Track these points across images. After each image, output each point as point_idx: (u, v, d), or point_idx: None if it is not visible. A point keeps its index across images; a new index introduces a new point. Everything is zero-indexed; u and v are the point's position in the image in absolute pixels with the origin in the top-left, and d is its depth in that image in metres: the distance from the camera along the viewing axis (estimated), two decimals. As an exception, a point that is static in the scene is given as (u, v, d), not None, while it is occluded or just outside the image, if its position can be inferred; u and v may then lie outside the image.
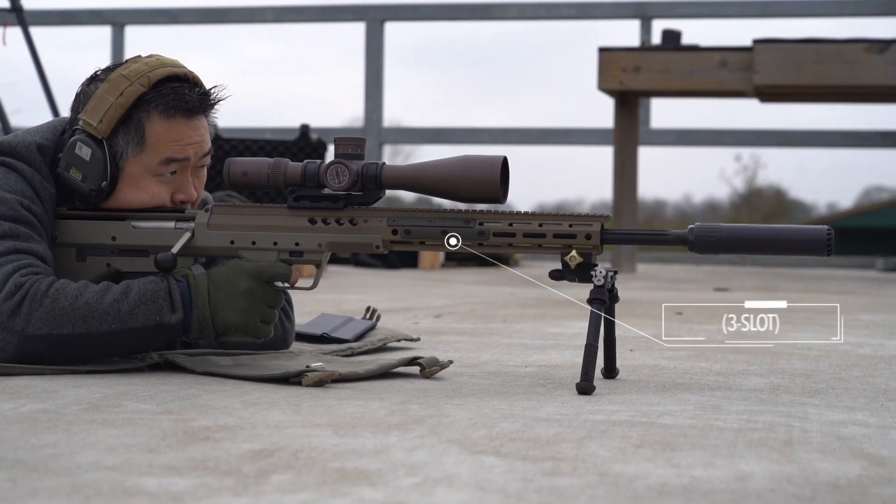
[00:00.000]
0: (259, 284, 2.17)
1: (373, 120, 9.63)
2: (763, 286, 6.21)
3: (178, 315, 2.13)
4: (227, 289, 2.15)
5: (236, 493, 1.27)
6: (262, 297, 2.17)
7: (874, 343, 3.11)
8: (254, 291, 2.16)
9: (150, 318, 2.11)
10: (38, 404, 1.80)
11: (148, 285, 2.13)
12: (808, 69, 6.90)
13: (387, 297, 4.83)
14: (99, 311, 2.09)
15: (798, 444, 1.61)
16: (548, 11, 9.55)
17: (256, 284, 2.16)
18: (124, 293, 2.12)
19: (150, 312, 2.11)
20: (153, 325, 2.12)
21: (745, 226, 2.13)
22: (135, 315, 2.11)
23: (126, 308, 2.10)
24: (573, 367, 2.44)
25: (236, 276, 2.16)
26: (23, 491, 1.26)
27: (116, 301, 2.10)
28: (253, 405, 1.85)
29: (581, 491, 1.32)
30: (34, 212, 2.20)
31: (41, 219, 2.21)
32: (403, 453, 1.50)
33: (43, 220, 2.22)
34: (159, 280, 2.14)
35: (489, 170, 2.11)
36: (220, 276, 2.16)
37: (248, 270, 2.17)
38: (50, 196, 2.25)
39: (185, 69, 2.30)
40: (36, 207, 2.21)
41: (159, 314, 2.11)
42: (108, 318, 2.10)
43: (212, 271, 2.18)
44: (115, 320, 2.10)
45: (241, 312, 2.15)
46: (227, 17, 10.32)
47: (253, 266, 2.17)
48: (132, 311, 2.10)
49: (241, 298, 2.15)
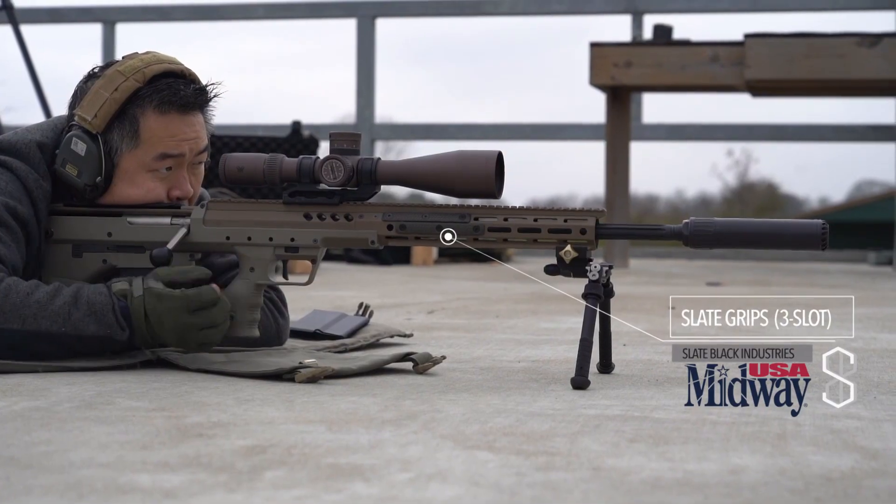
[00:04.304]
0: (187, 317, 2.12)
1: (364, 116, 9.63)
2: (756, 280, 6.21)
3: (127, 334, 2.12)
4: (156, 323, 2.11)
5: (230, 490, 1.27)
6: (193, 328, 2.12)
7: (867, 336, 3.12)
8: (183, 326, 2.12)
9: (101, 330, 2.10)
10: (31, 402, 1.80)
11: (97, 297, 2.11)
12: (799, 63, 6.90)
13: (379, 293, 4.83)
14: (49, 312, 2.09)
15: (791, 438, 1.61)
16: (539, 7, 9.55)
17: (184, 319, 2.11)
18: (74, 299, 2.10)
19: (101, 325, 2.10)
20: (103, 336, 2.11)
21: (739, 220, 2.13)
22: (86, 324, 2.10)
23: (77, 315, 2.09)
24: (566, 362, 2.44)
25: (165, 314, 2.10)
26: (16, 488, 1.26)
27: (67, 304, 2.10)
28: (246, 402, 1.85)
29: (575, 485, 1.32)
30: (18, 214, 2.19)
31: (26, 220, 2.21)
32: (397, 449, 1.50)
33: (29, 221, 2.21)
34: (106, 293, 2.12)
35: (485, 165, 2.11)
36: (151, 309, 2.11)
37: (174, 308, 2.11)
38: (45, 194, 2.25)
39: (181, 66, 2.30)
40: (23, 209, 2.20)
41: (110, 328, 2.11)
42: (59, 319, 2.09)
43: (146, 298, 2.11)
44: (67, 324, 2.09)
45: (178, 342, 2.14)
46: (219, 14, 10.30)
47: (178, 300, 2.10)
48: (83, 319, 2.09)
49: (173, 333, 2.12)
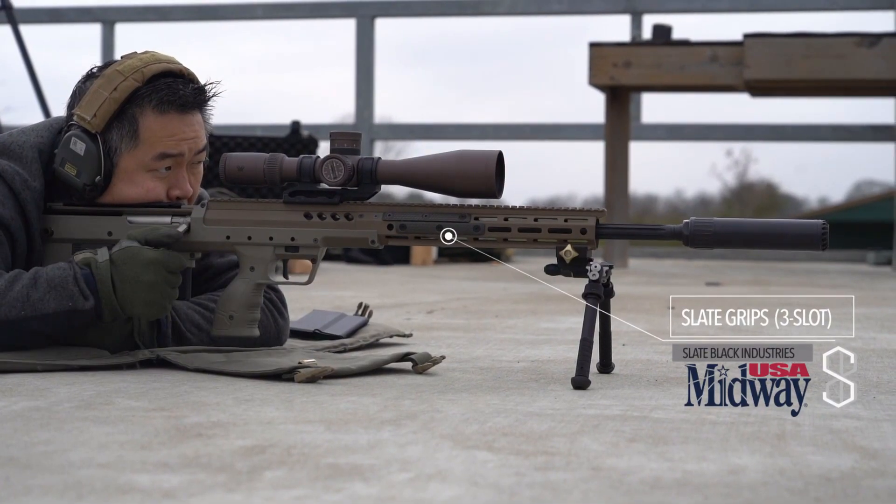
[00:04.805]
0: (162, 275, 2.13)
1: (364, 116, 9.63)
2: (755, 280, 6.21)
3: (91, 302, 2.11)
4: (132, 280, 2.12)
5: (229, 490, 1.27)
6: (166, 285, 2.13)
7: (866, 336, 3.12)
8: (158, 283, 2.12)
9: (62, 303, 2.10)
10: (30, 402, 1.80)
11: (56, 272, 2.12)
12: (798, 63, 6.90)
13: (379, 293, 4.82)
14: (8, 299, 2.09)
15: (790, 438, 1.61)
16: (538, 7, 9.55)
17: (160, 276, 2.13)
18: (33, 280, 2.11)
19: (61, 298, 2.10)
20: (67, 310, 2.10)
21: (739, 220, 2.13)
22: (46, 301, 2.10)
23: (36, 295, 2.10)
24: (566, 362, 2.44)
25: (141, 268, 2.12)
26: (15, 489, 1.26)
27: (25, 287, 2.10)
28: (245, 402, 1.85)
29: (574, 485, 1.32)
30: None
31: (8, 223, 2.20)
32: (396, 449, 1.50)
33: (11, 223, 2.21)
34: (67, 267, 2.13)
35: (485, 165, 2.11)
36: (123, 265, 2.12)
37: (151, 261, 2.12)
38: (35, 195, 2.25)
39: (180, 65, 2.31)
40: (5, 211, 2.20)
41: (72, 300, 2.10)
42: (18, 304, 2.09)
43: (115, 256, 2.13)
44: (25, 306, 2.09)
45: (145, 304, 2.13)
46: (218, 15, 10.30)
47: (154, 255, 2.12)
48: (43, 297, 2.10)
49: (146, 290, 2.12)
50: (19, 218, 2.23)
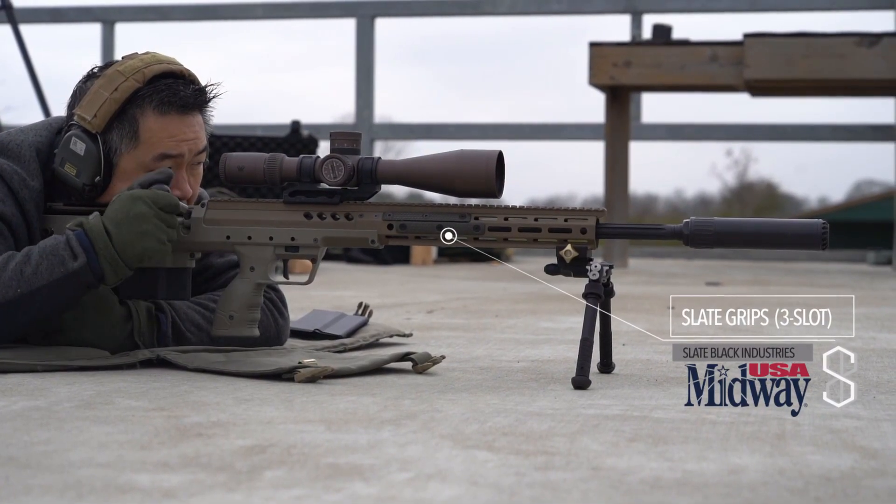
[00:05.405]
0: (151, 208, 2.13)
1: (363, 116, 9.63)
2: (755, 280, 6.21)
3: (81, 259, 2.10)
4: (123, 219, 2.12)
5: (229, 489, 1.27)
6: (157, 218, 2.13)
7: (866, 336, 3.12)
8: (147, 215, 2.12)
9: (53, 271, 2.10)
10: (30, 401, 1.80)
11: (47, 242, 2.13)
12: (798, 63, 6.90)
13: (379, 293, 4.82)
14: (3, 280, 2.09)
15: (790, 438, 1.61)
16: (538, 7, 9.55)
17: (149, 208, 2.12)
18: (27, 256, 2.11)
19: (52, 266, 2.10)
20: (59, 277, 2.10)
21: (740, 220, 2.13)
22: (38, 274, 2.10)
23: (29, 269, 2.10)
24: (566, 361, 2.44)
25: (129, 203, 2.12)
26: (15, 488, 1.26)
27: (19, 264, 2.11)
28: (245, 401, 1.85)
29: (574, 485, 1.32)
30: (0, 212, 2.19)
31: (9, 219, 2.20)
32: (396, 448, 1.50)
33: (13, 220, 2.21)
34: (58, 236, 2.14)
35: (485, 164, 2.11)
36: (112, 209, 2.13)
37: (139, 195, 2.13)
38: (33, 194, 2.25)
39: (180, 66, 2.31)
40: (6, 207, 2.20)
41: (62, 265, 2.10)
42: (13, 283, 2.09)
43: (107, 209, 2.14)
44: (20, 284, 2.09)
45: (142, 237, 2.12)
46: (218, 14, 10.30)
47: (144, 192, 2.14)
48: (35, 271, 2.10)
49: (138, 222, 2.12)
50: (20, 216, 2.23)
